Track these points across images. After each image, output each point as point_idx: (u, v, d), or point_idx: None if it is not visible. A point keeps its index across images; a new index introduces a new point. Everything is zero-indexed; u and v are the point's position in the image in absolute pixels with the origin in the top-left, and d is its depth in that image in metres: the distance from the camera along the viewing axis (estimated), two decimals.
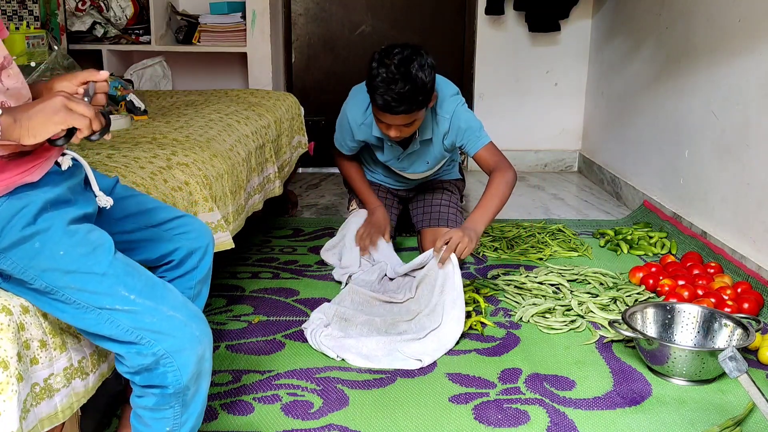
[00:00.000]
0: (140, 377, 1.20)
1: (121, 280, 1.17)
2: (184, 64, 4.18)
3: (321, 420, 1.65)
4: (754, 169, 2.48)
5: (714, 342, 1.96)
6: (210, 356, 1.25)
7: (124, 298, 1.16)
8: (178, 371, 1.18)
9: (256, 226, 2.97)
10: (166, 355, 1.17)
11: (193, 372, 1.20)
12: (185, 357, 1.19)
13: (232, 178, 2.17)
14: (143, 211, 1.42)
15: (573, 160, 4.42)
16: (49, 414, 1.15)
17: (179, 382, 1.19)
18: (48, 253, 1.13)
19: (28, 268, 1.13)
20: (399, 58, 2.12)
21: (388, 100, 2.13)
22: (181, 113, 2.62)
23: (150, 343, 1.17)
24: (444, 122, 2.40)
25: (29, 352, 1.11)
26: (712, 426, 1.64)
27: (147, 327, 1.17)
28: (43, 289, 1.14)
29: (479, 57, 4.27)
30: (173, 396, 1.21)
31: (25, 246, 1.13)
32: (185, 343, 1.19)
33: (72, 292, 1.15)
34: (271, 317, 2.21)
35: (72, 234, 1.16)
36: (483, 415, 1.68)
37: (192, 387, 1.22)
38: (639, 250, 2.83)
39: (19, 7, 3.52)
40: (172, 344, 1.17)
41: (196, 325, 1.22)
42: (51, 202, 1.16)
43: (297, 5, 4.20)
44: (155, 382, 1.19)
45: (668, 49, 3.17)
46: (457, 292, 2.06)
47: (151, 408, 1.22)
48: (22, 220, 1.13)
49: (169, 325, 1.18)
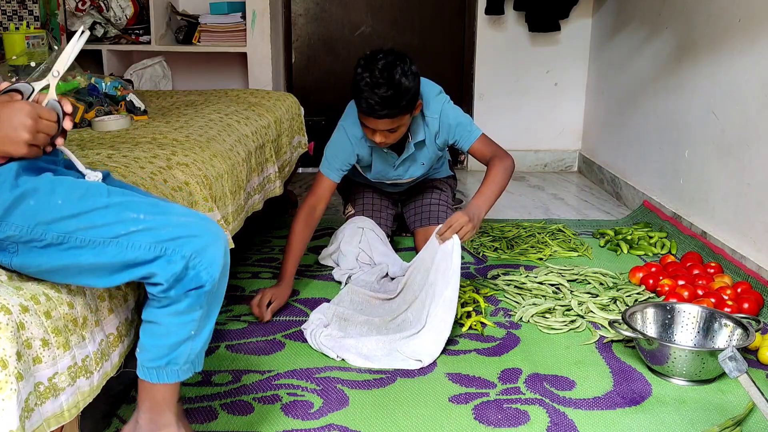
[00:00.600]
0: (175, 289, 1.22)
1: (124, 206, 1.20)
2: (184, 64, 4.18)
3: (321, 420, 1.65)
4: (754, 169, 2.48)
5: (714, 342, 1.96)
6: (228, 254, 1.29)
7: (135, 219, 1.19)
8: (210, 266, 1.23)
9: (256, 226, 2.97)
10: (193, 254, 1.21)
11: (222, 265, 1.25)
12: (211, 252, 1.23)
13: (232, 178, 2.17)
14: None
15: (573, 160, 4.42)
16: (55, 413, 1.15)
17: (213, 277, 1.24)
18: (46, 206, 1.16)
19: (35, 226, 1.15)
20: (383, 63, 2.14)
21: (372, 103, 2.15)
22: (181, 113, 2.62)
23: (175, 250, 1.20)
24: (433, 122, 2.42)
25: (31, 351, 1.11)
26: (712, 426, 1.64)
27: (166, 237, 1.20)
28: (56, 240, 1.16)
29: (479, 57, 4.27)
30: (207, 294, 1.25)
31: (21, 207, 1.15)
32: (207, 239, 1.23)
33: (84, 232, 1.17)
34: (271, 317, 2.20)
35: (61, 182, 1.19)
36: (483, 415, 1.68)
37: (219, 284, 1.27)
38: (639, 250, 2.83)
39: (19, 7, 3.52)
40: (196, 244, 1.21)
41: (209, 223, 1.27)
42: (23, 166, 1.18)
43: (297, 5, 4.20)
44: (191, 286, 1.23)
45: (668, 49, 3.17)
46: (452, 271, 2.04)
47: (182, 312, 1.25)
48: (5, 185, 1.15)
49: (186, 229, 1.22)
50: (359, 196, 2.79)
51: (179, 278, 1.21)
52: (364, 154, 2.49)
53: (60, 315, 1.19)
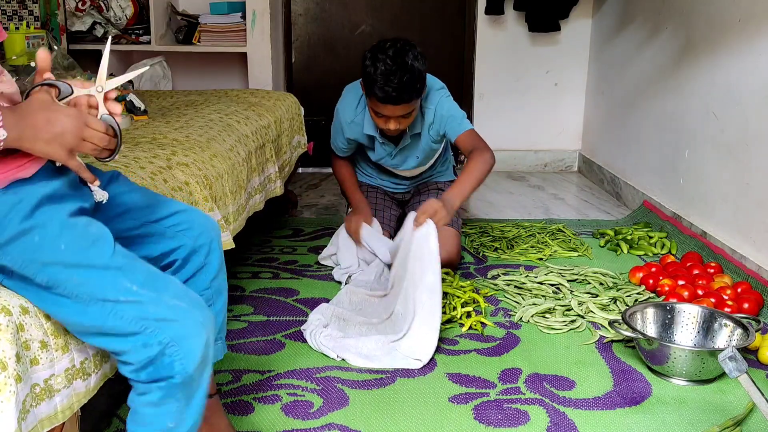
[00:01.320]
0: (146, 373, 1.18)
1: (122, 272, 1.16)
2: (184, 64, 4.18)
3: (321, 420, 1.65)
4: (754, 169, 2.48)
5: (714, 342, 1.96)
6: (212, 345, 1.23)
7: (127, 289, 1.15)
8: (185, 359, 1.17)
9: (256, 226, 2.97)
10: (171, 342, 1.16)
11: (200, 359, 1.19)
12: (191, 344, 1.18)
13: (232, 178, 2.17)
14: (143, 207, 1.39)
15: (573, 160, 4.42)
16: (49, 414, 1.15)
17: (186, 371, 1.18)
18: (48, 247, 1.13)
19: (30, 263, 1.13)
20: (393, 51, 2.21)
21: (389, 91, 2.19)
22: (181, 113, 2.62)
23: (155, 332, 1.15)
24: (429, 113, 2.47)
25: (29, 352, 1.11)
26: (712, 426, 1.64)
27: (151, 316, 1.15)
28: (45, 283, 1.13)
29: (479, 57, 4.27)
30: (179, 386, 1.19)
31: (25, 240, 1.12)
32: (190, 329, 1.18)
33: (74, 285, 1.13)
34: (271, 317, 2.21)
35: (71, 227, 1.15)
36: (483, 415, 1.68)
37: (197, 377, 1.21)
38: (639, 250, 2.83)
39: (19, 7, 3.52)
40: (177, 331, 1.16)
41: (199, 311, 1.21)
42: (47, 196, 1.16)
43: (297, 5, 4.20)
44: (162, 374, 1.17)
45: (668, 49, 3.17)
46: (431, 257, 2.03)
47: (155, 403, 1.20)
48: (20, 214, 1.12)
49: (173, 312, 1.17)
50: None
51: (151, 362, 1.17)
52: (357, 137, 2.56)
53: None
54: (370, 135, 2.53)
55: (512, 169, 4.41)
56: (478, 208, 3.56)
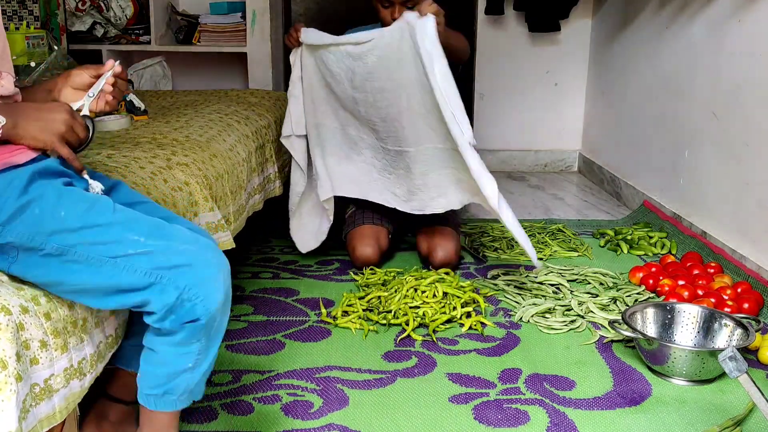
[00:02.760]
0: (170, 321, 1.20)
1: (127, 226, 1.19)
2: (184, 64, 4.18)
3: (321, 420, 1.66)
4: (754, 169, 2.48)
5: (714, 342, 1.96)
6: (230, 286, 1.26)
7: (135, 241, 1.18)
8: (206, 299, 1.19)
9: (256, 226, 2.97)
10: (188, 286, 1.18)
11: (221, 299, 1.22)
12: (209, 285, 1.20)
13: (232, 178, 2.17)
14: None
15: (573, 160, 4.42)
16: (48, 414, 1.15)
17: (209, 311, 1.20)
18: (50, 217, 1.15)
19: (35, 235, 1.15)
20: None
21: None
22: (181, 113, 2.62)
23: (171, 280, 1.17)
24: None
25: (29, 352, 1.11)
26: (712, 426, 1.64)
27: (163, 264, 1.18)
28: (55, 252, 1.16)
29: (479, 57, 4.27)
30: (205, 327, 1.22)
31: (25, 215, 1.15)
32: (205, 271, 1.20)
33: (83, 247, 1.16)
34: (271, 317, 2.21)
35: (68, 194, 1.19)
36: (483, 415, 1.68)
37: (220, 318, 1.24)
38: (639, 250, 2.83)
39: (19, 7, 3.52)
40: (192, 275, 1.19)
41: (211, 253, 1.24)
42: (39, 171, 1.19)
43: (297, 5, 4.20)
44: (186, 319, 1.20)
45: (668, 49, 3.17)
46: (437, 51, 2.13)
47: (179, 343, 1.23)
48: (15, 191, 1.15)
49: (185, 258, 1.19)
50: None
51: (172, 309, 1.19)
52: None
53: (60, 317, 1.18)
54: None
55: (512, 169, 4.41)
56: (478, 208, 3.56)
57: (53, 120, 1.20)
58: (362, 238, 2.59)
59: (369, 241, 2.58)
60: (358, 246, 2.58)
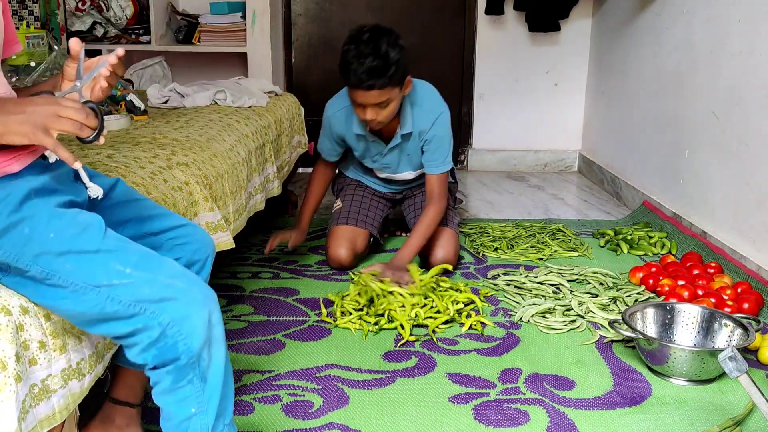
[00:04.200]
0: (151, 355, 1.18)
1: (114, 255, 1.16)
2: (184, 64, 4.18)
3: (321, 419, 1.65)
4: (754, 169, 2.48)
5: (714, 342, 1.96)
6: (219, 321, 1.22)
7: (120, 272, 1.15)
8: (188, 338, 1.16)
9: (257, 226, 2.97)
10: (171, 323, 1.15)
11: (204, 338, 1.18)
12: (192, 322, 1.17)
13: (232, 178, 2.17)
14: (143, 218, 1.39)
15: (573, 160, 4.42)
16: (47, 415, 1.15)
17: (190, 351, 1.17)
18: (38, 238, 1.13)
19: (21, 255, 1.13)
20: (368, 36, 2.21)
21: (359, 73, 2.18)
22: (181, 113, 2.62)
23: (154, 313, 1.15)
24: (425, 121, 2.45)
25: (28, 352, 1.11)
26: (712, 426, 1.64)
27: (147, 298, 1.15)
28: (39, 275, 1.13)
29: (479, 57, 4.27)
30: (188, 367, 1.18)
31: (15, 232, 1.13)
32: (189, 308, 1.17)
33: (67, 273, 1.13)
34: (271, 317, 2.21)
35: (60, 216, 1.16)
36: (483, 415, 1.68)
37: (205, 356, 1.20)
38: (639, 250, 2.82)
39: (19, 7, 3.52)
40: (175, 311, 1.16)
41: (197, 289, 1.20)
42: (35, 190, 1.16)
43: (297, 5, 4.20)
44: (167, 357, 1.17)
45: (668, 49, 3.17)
46: None
47: (170, 390, 1.20)
48: (8, 207, 1.13)
49: (170, 292, 1.17)
50: (349, 192, 2.79)
51: (155, 343, 1.16)
52: (344, 133, 2.55)
53: (59, 318, 1.18)
54: (360, 134, 2.50)
55: (512, 169, 4.41)
56: (478, 208, 3.56)
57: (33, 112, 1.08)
58: (338, 239, 2.59)
59: (344, 243, 2.57)
60: (332, 246, 2.59)
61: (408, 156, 2.56)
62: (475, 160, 4.40)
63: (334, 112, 2.53)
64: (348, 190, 2.79)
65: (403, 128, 2.46)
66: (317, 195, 2.72)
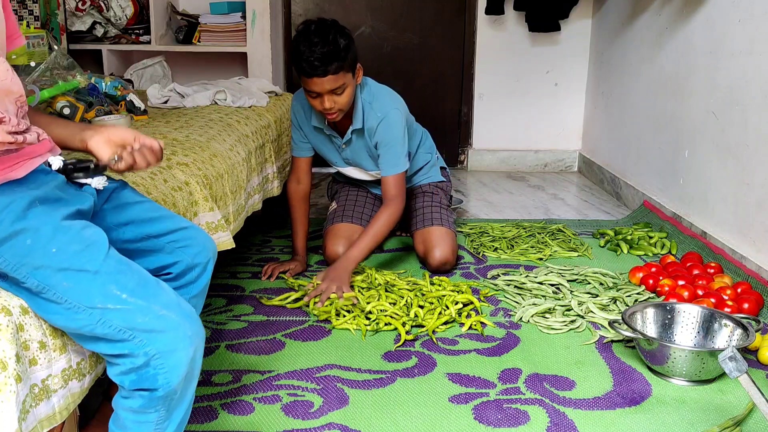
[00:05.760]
0: (130, 380, 1.17)
1: (113, 278, 1.15)
2: (184, 64, 4.18)
3: (321, 419, 1.65)
4: (753, 169, 2.48)
5: (714, 342, 1.96)
6: (200, 357, 1.22)
7: (116, 296, 1.14)
8: (169, 372, 1.16)
9: (256, 226, 2.97)
10: (157, 355, 1.15)
11: (184, 374, 1.18)
12: (176, 358, 1.16)
13: (232, 178, 2.17)
14: (146, 220, 1.38)
15: (573, 160, 4.42)
16: (48, 415, 1.15)
17: (169, 385, 1.17)
18: (40, 250, 1.12)
19: (20, 266, 1.12)
20: (315, 27, 2.29)
21: (312, 60, 2.21)
22: (181, 113, 2.62)
23: (142, 343, 1.14)
24: (373, 120, 2.44)
25: (28, 353, 1.11)
26: (712, 426, 1.64)
27: (139, 326, 1.14)
28: (35, 288, 1.13)
29: (479, 57, 4.27)
30: (161, 399, 1.18)
31: (17, 242, 1.11)
32: (177, 343, 1.16)
33: (63, 290, 1.13)
34: (271, 317, 2.21)
35: (65, 231, 1.15)
36: (483, 415, 1.68)
37: (181, 391, 1.20)
38: (639, 250, 2.82)
39: (19, 7, 3.52)
40: (163, 344, 1.15)
41: (189, 324, 1.19)
42: (39, 198, 1.15)
43: (297, 5, 4.20)
44: (145, 385, 1.17)
45: (668, 49, 3.17)
46: None
47: (136, 410, 1.19)
48: (11, 214, 1.12)
49: (161, 324, 1.16)
50: (343, 193, 2.79)
51: (135, 370, 1.16)
52: (303, 125, 2.54)
53: None
54: (317, 126, 2.50)
55: (512, 169, 4.41)
56: (478, 208, 3.57)
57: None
58: (335, 237, 2.60)
59: (341, 240, 2.57)
60: (330, 244, 2.59)
61: (367, 151, 2.55)
62: (475, 160, 4.40)
63: (296, 104, 2.53)
64: (342, 192, 2.80)
65: (354, 124, 2.45)
66: (302, 221, 2.62)
